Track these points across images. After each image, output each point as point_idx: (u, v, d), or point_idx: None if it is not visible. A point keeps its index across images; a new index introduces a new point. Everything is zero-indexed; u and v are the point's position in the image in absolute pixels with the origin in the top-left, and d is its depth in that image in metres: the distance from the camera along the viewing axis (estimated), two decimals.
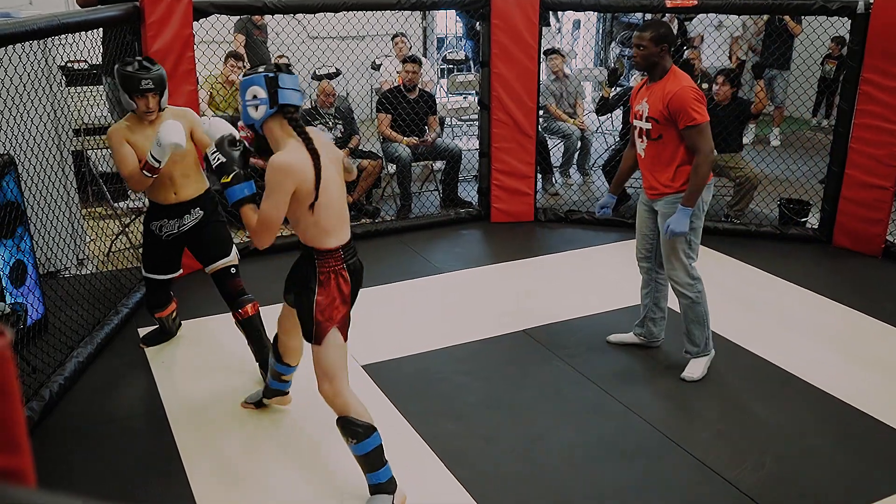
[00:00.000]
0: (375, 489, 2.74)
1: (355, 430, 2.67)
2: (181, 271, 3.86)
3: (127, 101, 3.43)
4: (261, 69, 2.58)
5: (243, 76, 2.60)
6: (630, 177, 3.96)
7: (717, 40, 7.77)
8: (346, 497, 2.87)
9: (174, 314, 3.99)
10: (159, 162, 3.34)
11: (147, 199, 3.72)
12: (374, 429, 2.69)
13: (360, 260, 2.79)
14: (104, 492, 2.93)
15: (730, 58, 7.79)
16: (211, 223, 3.66)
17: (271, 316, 4.32)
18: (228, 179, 2.60)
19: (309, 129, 2.60)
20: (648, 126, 3.51)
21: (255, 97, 2.55)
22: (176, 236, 3.64)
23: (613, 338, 4.08)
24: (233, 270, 3.63)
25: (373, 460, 2.71)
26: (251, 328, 3.60)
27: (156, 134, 3.32)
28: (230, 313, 3.64)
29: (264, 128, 2.59)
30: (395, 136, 6.09)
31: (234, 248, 3.69)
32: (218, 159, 2.63)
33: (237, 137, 2.74)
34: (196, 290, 4.51)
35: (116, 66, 3.44)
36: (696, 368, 3.73)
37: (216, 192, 3.67)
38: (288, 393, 3.38)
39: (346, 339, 2.72)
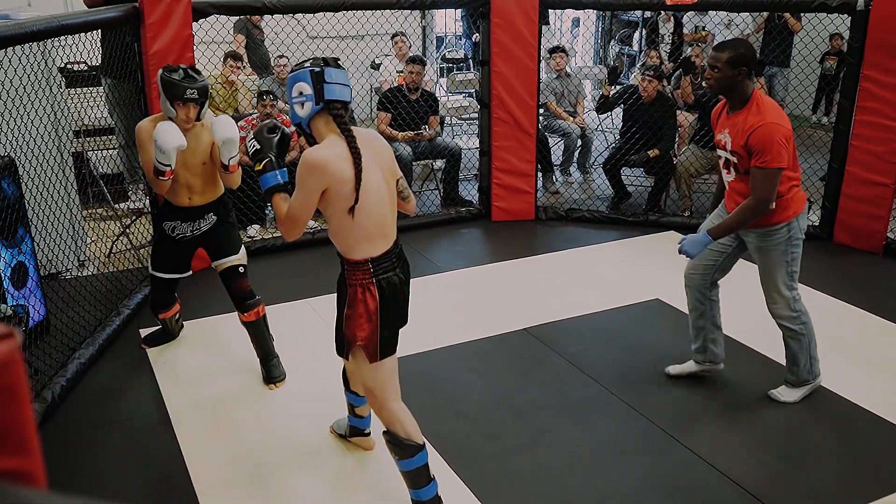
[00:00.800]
0: None
1: (397, 447, 2.59)
2: (190, 273, 3.85)
3: (168, 107, 3.39)
4: (307, 64, 2.46)
5: (290, 72, 2.49)
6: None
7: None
8: (349, 490, 2.87)
9: (177, 316, 3.99)
10: (167, 166, 3.32)
11: (151, 197, 3.75)
12: (420, 448, 2.58)
13: (402, 274, 2.57)
14: (107, 493, 2.93)
15: None
16: (223, 225, 3.67)
17: (279, 313, 4.33)
18: (261, 167, 2.53)
19: (358, 129, 2.49)
20: (735, 160, 3.19)
21: (301, 94, 2.43)
22: (188, 240, 3.65)
23: (673, 370, 3.72)
24: (241, 270, 3.64)
25: (415, 478, 2.61)
26: (256, 330, 3.64)
27: (156, 141, 3.28)
28: (233, 313, 3.65)
29: (311, 126, 2.47)
30: (393, 133, 6.09)
31: (243, 249, 3.71)
32: (254, 146, 2.56)
33: (277, 125, 2.64)
34: (199, 289, 4.51)
35: (160, 72, 3.39)
36: (786, 393, 3.50)
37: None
38: (369, 434, 3.14)
39: (385, 356, 2.56)
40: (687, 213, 5.93)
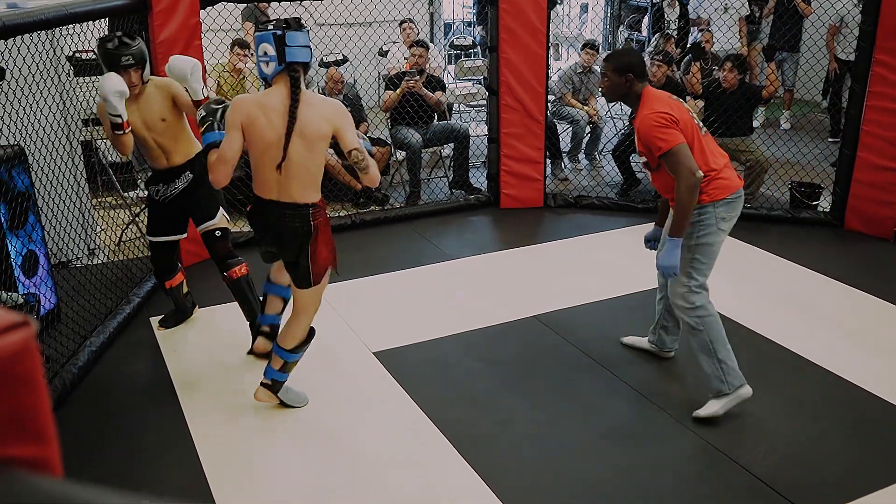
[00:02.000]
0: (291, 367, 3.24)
1: (307, 342, 3.23)
2: (185, 235, 3.95)
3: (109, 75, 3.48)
4: (270, 26, 2.75)
5: (255, 32, 2.80)
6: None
7: (726, 23, 7.71)
8: (359, 479, 2.89)
9: (185, 287, 4.05)
10: (118, 116, 3.41)
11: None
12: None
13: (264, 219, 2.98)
14: (118, 480, 2.95)
15: (739, 40, 7.73)
16: (201, 186, 3.74)
17: None
18: (203, 128, 2.97)
19: (310, 93, 2.83)
20: (644, 160, 3.28)
21: (265, 53, 2.75)
22: (171, 199, 3.76)
23: (627, 340, 3.90)
24: (217, 233, 3.77)
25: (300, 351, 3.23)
26: (238, 289, 3.78)
27: (99, 93, 3.43)
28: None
29: (273, 82, 2.80)
30: (394, 96, 6.00)
31: (221, 211, 3.81)
32: (201, 114, 3.00)
33: (222, 100, 3.08)
34: (209, 278, 4.52)
35: (97, 44, 3.55)
36: (708, 408, 3.26)
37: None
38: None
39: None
40: None
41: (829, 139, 6.38)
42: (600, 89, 3.46)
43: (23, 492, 0.38)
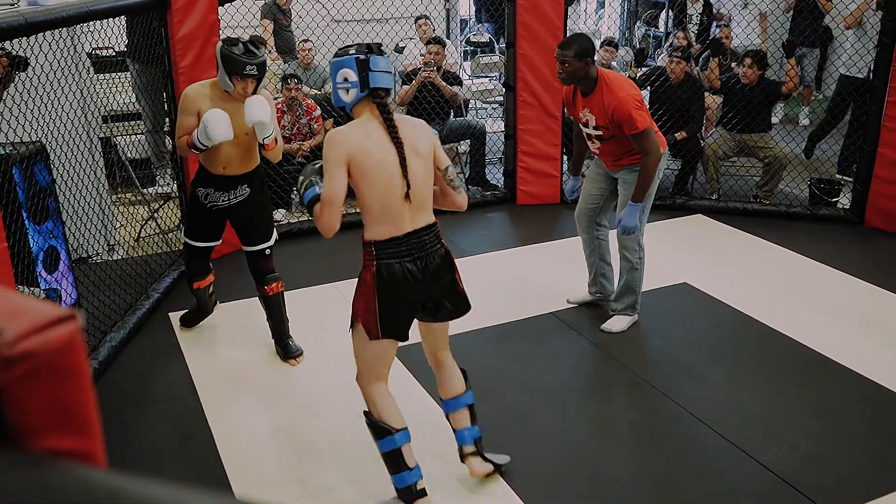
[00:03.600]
0: (397, 492, 2.69)
1: (369, 426, 2.67)
2: (220, 242, 3.86)
3: (226, 81, 3.36)
4: (352, 50, 2.52)
5: (334, 56, 2.55)
6: (585, 156, 4.18)
7: (745, 18, 7.65)
8: (375, 473, 2.89)
9: (211, 288, 3.97)
10: (205, 147, 3.38)
11: (178, 181, 3.84)
12: (389, 433, 2.62)
13: (413, 265, 2.55)
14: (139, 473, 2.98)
15: (763, 31, 7.66)
16: (256, 202, 3.67)
17: (305, 297, 4.35)
18: (302, 189, 2.62)
19: (399, 115, 2.56)
20: (600, 133, 3.68)
21: (345, 80, 2.50)
22: (220, 209, 3.64)
23: (572, 298, 4.27)
24: (267, 252, 3.71)
25: (387, 461, 2.66)
26: (273, 305, 3.74)
27: (204, 120, 3.29)
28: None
29: (354, 111, 2.55)
30: (410, 89, 6.00)
31: (275, 232, 3.78)
32: (301, 181, 2.64)
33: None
34: (232, 272, 4.54)
35: (220, 44, 3.37)
36: (618, 323, 3.97)
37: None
38: (472, 454, 2.89)
39: (386, 336, 2.59)
40: (714, 196, 5.86)
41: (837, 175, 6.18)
42: (559, 75, 3.64)
43: (74, 483, 0.39)
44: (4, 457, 0.41)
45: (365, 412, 2.69)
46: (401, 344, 2.67)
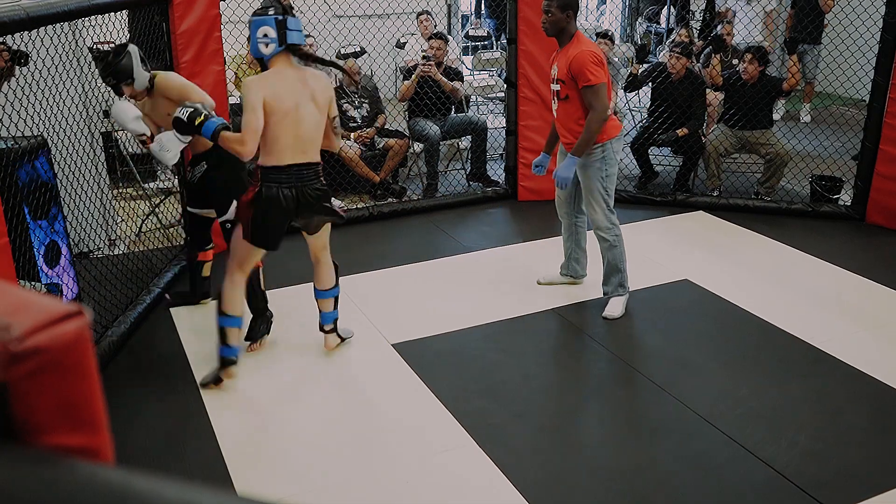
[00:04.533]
0: (218, 359, 3.42)
1: (216, 299, 3.42)
2: (212, 211, 3.98)
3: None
4: (271, 11, 3.04)
5: (253, 15, 3.08)
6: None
7: (748, 14, 7.63)
8: (376, 468, 2.90)
9: (208, 270, 4.21)
10: (143, 134, 3.55)
11: (179, 177, 4.06)
12: (223, 314, 3.34)
13: (291, 192, 3.18)
14: (142, 468, 2.98)
15: (766, 28, 7.65)
16: (216, 180, 3.83)
17: (310, 291, 4.35)
18: (201, 119, 3.09)
19: (307, 69, 3.20)
20: (558, 88, 3.88)
21: (265, 35, 3.05)
22: (196, 179, 3.93)
23: (543, 279, 4.46)
24: (227, 226, 3.83)
25: (219, 332, 3.38)
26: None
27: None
28: (275, 288, 3.99)
29: (270, 62, 3.11)
30: (410, 84, 6.00)
31: (233, 207, 3.81)
32: (185, 112, 3.12)
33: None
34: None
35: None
36: (615, 308, 4.07)
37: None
38: (329, 331, 3.75)
39: (254, 243, 3.28)
40: (716, 193, 5.86)
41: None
42: (542, 25, 3.86)
43: (83, 480, 0.39)
44: (13, 453, 0.41)
45: (219, 290, 3.35)
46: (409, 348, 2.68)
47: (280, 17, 3.05)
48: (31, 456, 0.42)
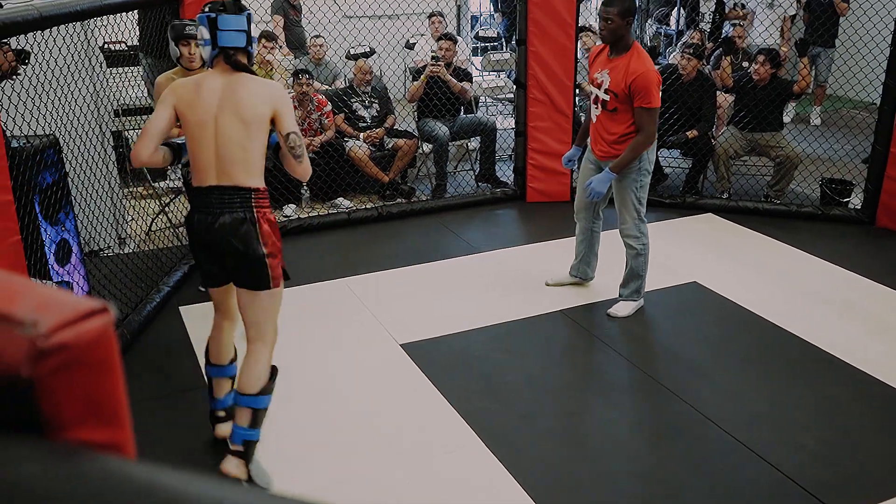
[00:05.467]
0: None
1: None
2: None
3: (175, 50, 3.67)
4: (206, 7, 2.60)
5: (200, 11, 2.66)
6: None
7: (769, 17, 7.61)
8: (384, 468, 2.90)
9: None
10: None
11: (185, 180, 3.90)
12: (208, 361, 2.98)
13: (208, 218, 2.62)
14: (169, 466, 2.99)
15: (782, 36, 7.63)
16: None
17: (315, 292, 4.35)
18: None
19: (246, 76, 2.62)
20: (607, 98, 3.76)
21: (202, 37, 2.62)
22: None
23: (552, 280, 4.45)
24: None
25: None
26: None
27: None
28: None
29: (214, 64, 2.65)
30: (419, 84, 6.01)
31: None
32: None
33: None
34: None
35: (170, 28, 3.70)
36: (624, 308, 4.09)
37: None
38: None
39: (204, 283, 2.94)
40: (725, 195, 5.85)
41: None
42: (600, 32, 3.75)
43: (109, 474, 0.39)
44: (41, 448, 0.41)
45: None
46: (417, 349, 2.66)
47: (212, 15, 2.57)
48: (59, 450, 0.42)
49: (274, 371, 2.80)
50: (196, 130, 2.60)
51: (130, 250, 4.93)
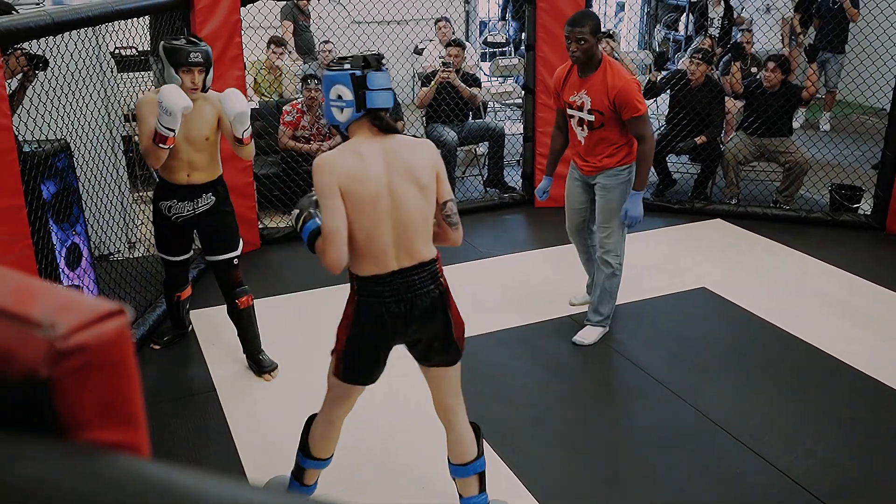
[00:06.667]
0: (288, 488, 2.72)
1: (301, 436, 2.65)
2: (192, 253, 3.79)
3: (172, 76, 3.26)
4: (347, 65, 2.28)
5: (327, 70, 2.32)
6: (562, 155, 4.02)
7: (767, 22, 7.61)
8: (393, 472, 2.90)
9: (188, 304, 3.96)
10: (171, 130, 3.15)
11: (157, 177, 3.60)
12: (312, 457, 2.62)
13: (399, 307, 2.31)
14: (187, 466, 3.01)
15: (782, 41, 7.62)
16: (221, 212, 3.55)
17: (322, 296, 4.36)
18: (299, 224, 2.37)
19: (402, 139, 2.32)
20: (592, 118, 3.64)
21: (339, 97, 2.26)
22: (185, 219, 3.52)
23: (575, 299, 4.30)
24: (235, 262, 3.57)
25: (296, 470, 2.68)
26: (245, 319, 3.61)
27: (157, 100, 3.14)
28: (280, 295, 3.68)
29: (349, 130, 2.32)
30: (429, 90, 6.02)
31: (241, 242, 3.65)
32: (297, 214, 2.40)
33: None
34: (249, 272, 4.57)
35: (162, 43, 3.34)
36: (591, 334, 3.90)
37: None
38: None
39: (347, 380, 2.46)
40: (734, 201, 5.84)
41: None
42: (573, 53, 3.54)
43: (128, 474, 0.40)
44: (60, 448, 0.42)
45: (310, 417, 2.63)
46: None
47: (358, 73, 2.24)
48: (76, 450, 0.43)
49: (477, 429, 2.61)
50: (370, 207, 2.22)
51: (140, 254, 4.95)
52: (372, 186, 2.22)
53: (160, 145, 3.18)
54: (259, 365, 3.64)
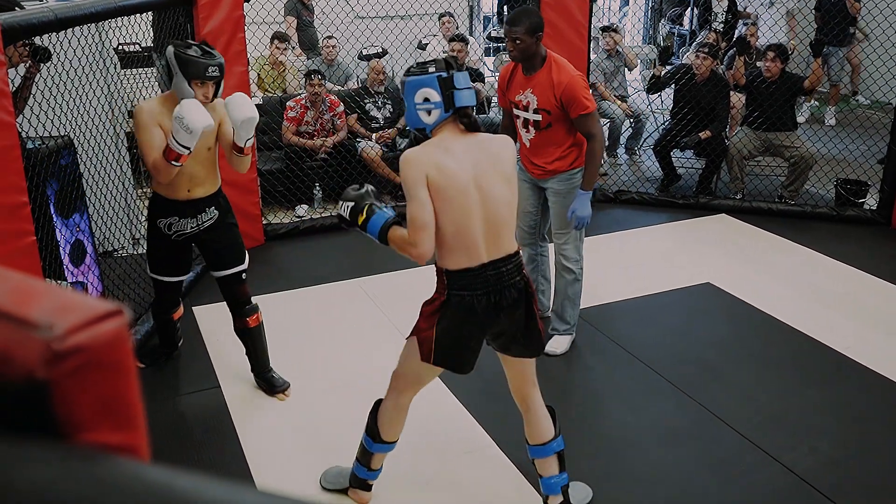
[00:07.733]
0: (352, 474, 2.75)
1: (369, 420, 2.66)
2: (190, 273, 3.55)
3: (184, 88, 3.03)
4: (431, 68, 2.35)
5: (408, 74, 2.39)
6: None
7: (773, 16, 7.57)
8: (398, 469, 2.90)
9: (179, 323, 3.74)
10: (188, 149, 2.92)
11: (151, 192, 3.35)
12: (381, 441, 2.63)
13: (493, 298, 2.36)
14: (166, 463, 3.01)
15: (787, 34, 7.59)
16: (226, 224, 3.35)
17: (329, 292, 4.36)
18: (364, 216, 2.38)
19: (486, 135, 2.41)
20: (538, 117, 3.47)
21: (426, 100, 2.33)
22: (188, 237, 3.30)
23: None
24: (243, 276, 3.39)
25: (362, 454, 2.69)
26: (255, 337, 3.45)
27: (176, 116, 2.87)
28: (282, 292, 3.67)
29: (434, 132, 2.38)
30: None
31: (247, 254, 3.47)
32: (348, 206, 2.42)
33: (359, 187, 2.47)
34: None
35: (172, 49, 3.11)
36: (562, 343, 3.78)
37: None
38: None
39: (438, 364, 2.47)
40: (739, 196, 5.82)
41: None
42: (510, 53, 3.46)
43: (127, 477, 0.39)
44: (58, 451, 0.42)
45: (377, 403, 2.66)
46: None
47: (445, 75, 2.32)
48: (74, 453, 0.42)
49: (553, 411, 2.68)
50: (460, 201, 2.27)
51: (144, 250, 4.95)
52: (461, 180, 2.28)
53: (173, 162, 2.96)
54: (270, 384, 3.47)
